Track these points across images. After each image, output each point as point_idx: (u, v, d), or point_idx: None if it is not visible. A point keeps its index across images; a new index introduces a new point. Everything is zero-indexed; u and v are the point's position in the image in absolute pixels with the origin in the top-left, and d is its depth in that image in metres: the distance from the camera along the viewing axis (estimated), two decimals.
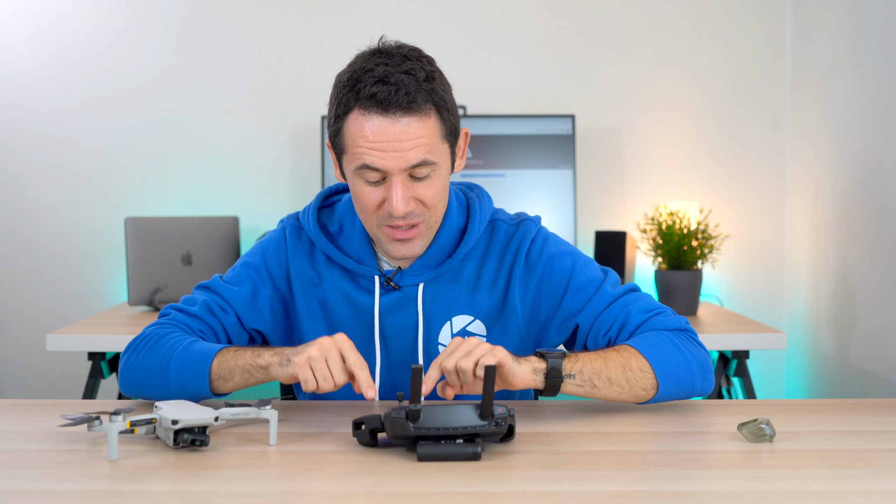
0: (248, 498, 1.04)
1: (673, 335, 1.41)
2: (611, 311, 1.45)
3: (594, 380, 1.33)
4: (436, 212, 1.41)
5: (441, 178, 1.39)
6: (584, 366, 1.33)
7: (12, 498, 1.04)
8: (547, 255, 1.48)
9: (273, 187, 2.95)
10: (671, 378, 1.37)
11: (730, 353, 2.34)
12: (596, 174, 2.95)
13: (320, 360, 1.26)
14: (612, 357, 1.35)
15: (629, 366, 1.35)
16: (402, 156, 1.33)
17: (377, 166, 1.34)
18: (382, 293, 1.47)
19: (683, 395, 1.40)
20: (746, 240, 2.96)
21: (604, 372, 1.33)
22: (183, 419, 1.18)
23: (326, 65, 3.00)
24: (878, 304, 2.32)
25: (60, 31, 2.92)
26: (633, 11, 2.94)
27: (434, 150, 1.35)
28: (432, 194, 1.37)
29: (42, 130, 2.93)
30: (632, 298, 1.46)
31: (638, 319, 1.44)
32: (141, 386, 1.41)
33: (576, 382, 1.32)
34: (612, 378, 1.34)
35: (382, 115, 1.32)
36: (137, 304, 2.58)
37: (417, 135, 1.33)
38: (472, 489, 1.05)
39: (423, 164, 1.34)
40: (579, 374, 1.32)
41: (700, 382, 1.40)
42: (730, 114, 2.95)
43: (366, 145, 1.33)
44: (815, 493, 1.06)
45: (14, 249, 2.94)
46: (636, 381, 1.35)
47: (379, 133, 1.32)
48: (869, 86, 2.37)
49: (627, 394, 1.35)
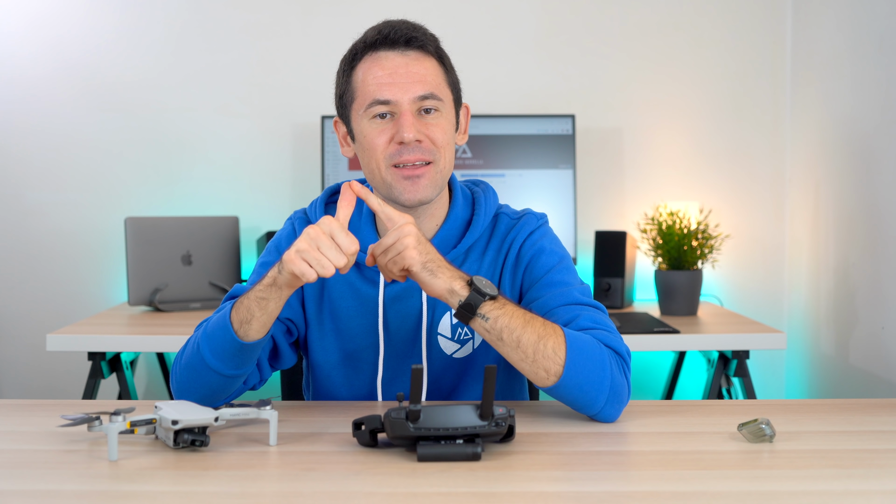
0: (248, 498, 1.04)
1: (608, 353, 1.35)
2: (566, 308, 1.42)
3: (503, 333, 1.30)
4: (445, 155, 1.43)
5: (447, 122, 1.43)
6: (503, 318, 1.30)
7: (12, 498, 1.04)
8: (537, 248, 1.49)
9: (273, 187, 2.95)
10: (576, 378, 1.31)
11: (730, 353, 2.34)
12: (596, 174, 2.95)
13: (311, 250, 1.25)
14: (536, 326, 1.31)
15: (546, 342, 1.30)
16: (410, 86, 1.39)
17: (387, 97, 1.39)
18: (387, 284, 1.48)
19: (580, 403, 1.33)
20: (746, 240, 2.96)
21: (517, 332, 1.30)
22: (183, 419, 1.18)
23: (326, 65, 3.00)
24: (878, 304, 2.32)
25: (61, 32, 2.92)
26: (633, 11, 2.94)
27: (440, 89, 1.42)
28: (440, 135, 1.41)
29: (42, 130, 2.93)
30: (591, 310, 1.42)
31: (585, 324, 1.39)
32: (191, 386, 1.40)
33: (485, 326, 1.31)
34: (522, 343, 1.30)
35: (389, 49, 1.40)
36: (137, 304, 2.58)
37: (424, 68, 1.40)
38: (472, 489, 1.05)
39: (431, 97, 1.40)
40: (492, 321, 1.30)
41: (602, 402, 1.33)
42: (730, 114, 2.95)
43: (375, 82, 1.39)
44: (815, 493, 1.06)
45: (14, 250, 2.94)
46: (542, 360, 1.30)
47: (388, 65, 1.40)
48: (869, 86, 2.37)
49: (528, 365, 1.31)
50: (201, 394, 1.39)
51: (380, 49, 1.41)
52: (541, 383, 1.32)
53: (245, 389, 1.46)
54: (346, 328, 1.51)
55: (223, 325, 1.34)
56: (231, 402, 1.37)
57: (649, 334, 2.25)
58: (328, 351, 1.52)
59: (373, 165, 1.42)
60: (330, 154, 2.78)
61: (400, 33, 1.40)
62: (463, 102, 1.50)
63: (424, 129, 1.40)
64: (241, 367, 1.37)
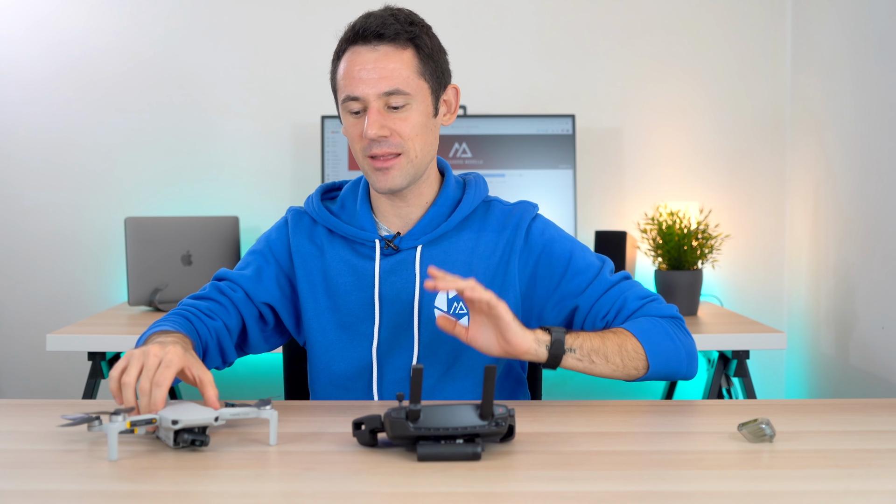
0: (248, 498, 1.04)
1: (665, 322, 1.50)
2: (609, 295, 1.53)
3: (592, 356, 1.41)
4: (415, 146, 1.47)
5: (418, 115, 1.47)
6: (584, 342, 1.41)
7: (12, 498, 1.04)
8: (548, 237, 1.56)
9: (273, 187, 2.95)
10: (660, 360, 1.46)
11: (730, 353, 2.34)
12: (596, 174, 2.95)
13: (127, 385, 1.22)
14: (610, 337, 1.44)
15: (625, 346, 1.44)
16: (377, 82, 1.43)
17: (355, 94, 1.45)
18: (383, 257, 1.54)
19: (670, 376, 1.49)
20: (746, 240, 2.96)
21: (601, 350, 1.42)
22: (183, 419, 1.18)
23: (326, 64, 3.00)
24: (878, 304, 2.32)
25: (60, 32, 2.92)
26: (633, 11, 2.94)
27: (409, 83, 1.45)
28: (408, 128, 1.46)
29: (42, 130, 2.93)
30: (627, 285, 1.55)
31: (634, 305, 1.52)
32: None
33: (576, 356, 1.41)
34: (609, 356, 1.42)
35: (361, 44, 1.45)
36: (137, 304, 2.58)
37: (391, 64, 1.44)
38: (472, 489, 1.05)
39: (397, 93, 1.44)
40: (579, 349, 1.41)
41: (685, 367, 1.49)
42: (730, 114, 2.95)
43: (347, 77, 1.46)
44: (815, 493, 1.06)
45: (14, 249, 2.94)
46: (629, 361, 1.44)
47: (358, 61, 1.45)
48: (869, 85, 2.37)
49: (621, 372, 1.44)
50: None
51: (356, 44, 1.46)
52: (634, 379, 1.47)
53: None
54: (343, 303, 1.55)
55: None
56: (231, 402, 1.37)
57: None
58: (325, 327, 1.55)
59: (354, 153, 1.51)
60: (330, 154, 2.78)
61: (371, 29, 1.44)
62: (451, 84, 1.54)
63: (391, 123, 1.45)
64: None
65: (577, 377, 2.94)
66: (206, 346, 1.50)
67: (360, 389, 1.54)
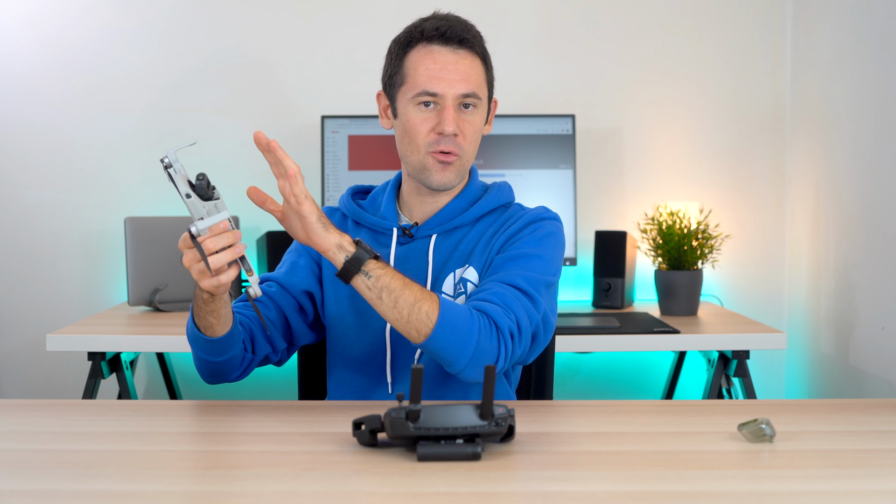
0: (248, 498, 1.04)
1: (482, 322, 1.42)
2: (494, 283, 1.49)
3: (383, 293, 1.39)
4: (470, 149, 1.56)
5: (479, 118, 1.57)
6: (385, 277, 1.39)
7: (12, 498, 1.04)
8: (529, 230, 1.57)
9: (273, 187, 2.93)
10: (443, 340, 1.40)
11: (730, 353, 2.34)
12: (596, 174, 2.95)
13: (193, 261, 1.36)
14: (414, 290, 1.40)
15: (420, 306, 1.39)
16: (457, 83, 1.52)
17: (435, 90, 1.51)
18: (398, 245, 1.60)
19: (445, 362, 1.42)
20: (746, 240, 2.96)
21: (396, 293, 1.39)
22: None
23: (326, 65, 3.01)
24: (878, 304, 2.32)
25: (60, 31, 2.92)
26: (633, 11, 2.94)
27: (480, 88, 1.55)
28: (472, 130, 1.55)
29: (42, 130, 2.93)
30: (510, 290, 1.48)
31: (486, 297, 1.46)
32: (203, 371, 1.54)
33: (367, 283, 1.39)
34: (399, 303, 1.39)
35: (443, 45, 1.53)
36: (137, 304, 2.58)
37: (470, 67, 1.54)
38: (472, 489, 1.05)
39: (472, 95, 1.53)
40: (375, 279, 1.39)
41: (464, 364, 1.41)
42: (730, 114, 2.95)
43: (426, 73, 1.52)
44: (815, 493, 1.06)
45: (14, 250, 2.94)
46: (415, 321, 1.39)
47: (440, 60, 1.52)
48: (869, 85, 2.37)
49: (402, 325, 1.40)
50: (209, 375, 1.54)
51: (434, 42, 1.53)
52: (412, 340, 1.42)
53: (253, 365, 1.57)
54: None
55: (193, 333, 1.48)
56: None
57: (649, 334, 2.25)
58: (344, 312, 1.60)
59: (412, 147, 1.55)
60: (330, 154, 2.78)
61: (455, 32, 1.53)
62: (494, 97, 1.64)
63: (461, 124, 1.53)
64: (225, 353, 1.49)
65: (578, 377, 2.94)
66: (252, 333, 1.57)
67: (374, 373, 1.59)
